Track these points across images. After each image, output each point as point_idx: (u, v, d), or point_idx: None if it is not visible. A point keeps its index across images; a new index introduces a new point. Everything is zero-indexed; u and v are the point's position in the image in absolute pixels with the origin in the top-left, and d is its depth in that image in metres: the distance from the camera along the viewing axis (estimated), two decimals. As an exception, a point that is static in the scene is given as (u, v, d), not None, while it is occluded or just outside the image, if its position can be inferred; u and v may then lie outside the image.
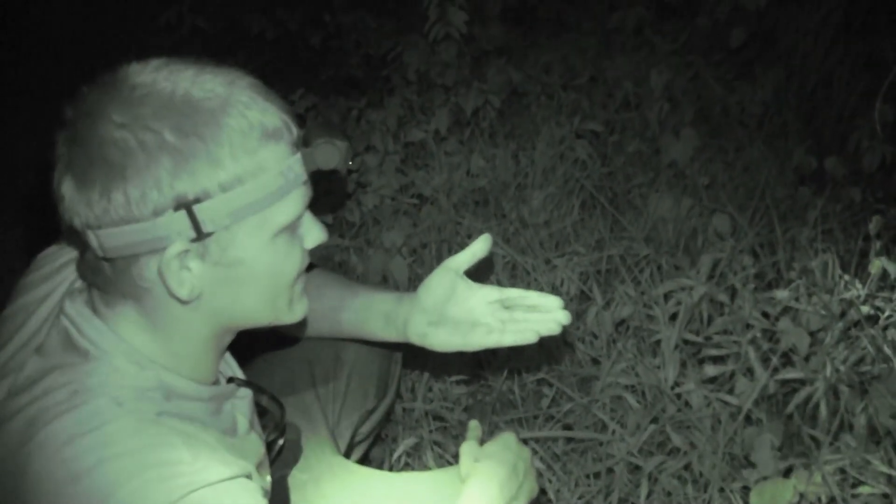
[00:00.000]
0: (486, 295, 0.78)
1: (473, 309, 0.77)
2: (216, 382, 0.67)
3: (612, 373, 1.26)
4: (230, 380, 0.70)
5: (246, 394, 0.70)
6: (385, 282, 1.48)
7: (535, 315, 0.76)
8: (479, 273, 0.83)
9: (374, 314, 0.81)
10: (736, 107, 1.86)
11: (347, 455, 0.94)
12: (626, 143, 1.78)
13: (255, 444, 0.69)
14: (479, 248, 0.78)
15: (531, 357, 1.32)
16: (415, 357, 1.33)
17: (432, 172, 1.67)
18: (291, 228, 0.60)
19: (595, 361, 1.32)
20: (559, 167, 1.68)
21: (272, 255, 0.59)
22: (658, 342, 1.27)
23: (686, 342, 1.26)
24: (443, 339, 0.77)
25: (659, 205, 1.57)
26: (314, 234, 0.63)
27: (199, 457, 0.54)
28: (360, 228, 1.62)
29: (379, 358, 0.96)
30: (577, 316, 1.35)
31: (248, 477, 0.57)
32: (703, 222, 1.55)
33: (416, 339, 0.79)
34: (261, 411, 0.75)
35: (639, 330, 1.32)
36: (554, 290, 1.39)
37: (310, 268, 0.66)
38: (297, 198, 0.59)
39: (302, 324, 0.67)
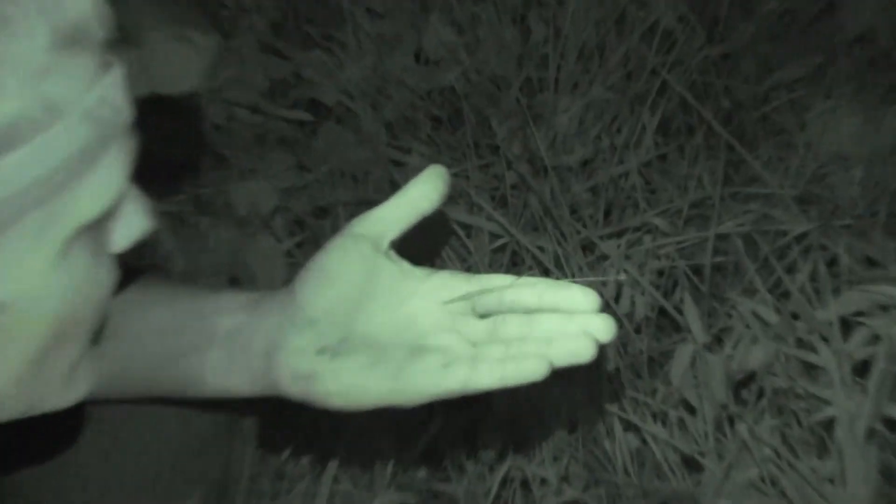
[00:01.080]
0: (439, 288, 0.76)
1: (415, 317, 0.76)
2: None
3: (729, 490, 1.23)
4: None
5: None
6: (236, 286, 1.49)
7: (543, 323, 0.73)
8: (430, 256, 0.87)
9: (202, 339, 0.77)
10: None
11: None
12: (761, -4, 1.71)
13: None
14: (421, 191, 0.77)
15: (554, 445, 1.32)
16: (293, 435, 1.34)
17: (342, 54, 1.63)
18: (97, 224, 0.56)
19: (690, 464, 1.27)
20: (615, 45, 1.61)
21: (62, 283, 0.55)
22: (830, 423, 1.20)
23: (894, 426, 1.19)
24: (350, 383, 0.73)
25: (831, 127, 1.56)
26: (133, 223, 0.60)
27: None
28: (186, 178, 1.63)
29: (199, 444, 0.95)
30: (651, 365, 1.32)
31: None
32: (929, 164, 1.49)
33: (290, 388, 0.74)
34: None
35: (786, 396, 1.24)
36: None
37: None
38: (114, 164, 0.54)
39: None
